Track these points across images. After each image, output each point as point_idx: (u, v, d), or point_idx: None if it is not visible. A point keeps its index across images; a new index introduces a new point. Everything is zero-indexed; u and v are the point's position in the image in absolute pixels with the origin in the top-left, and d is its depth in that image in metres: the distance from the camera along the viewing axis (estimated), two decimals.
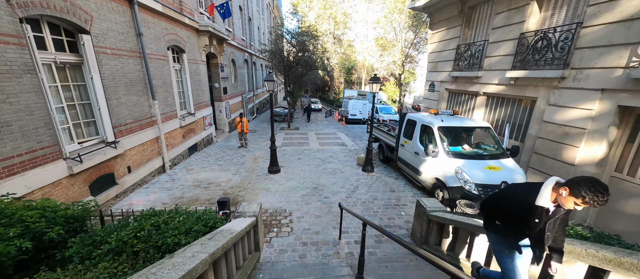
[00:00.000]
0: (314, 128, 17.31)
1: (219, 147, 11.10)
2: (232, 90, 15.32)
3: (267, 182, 7.24)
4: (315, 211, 5.63)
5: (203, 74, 10.79)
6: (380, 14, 33.89)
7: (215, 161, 9.01)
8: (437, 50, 10.43)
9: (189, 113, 9.57)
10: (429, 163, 6.29)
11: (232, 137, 13.12)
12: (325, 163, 9.16)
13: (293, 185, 7.04)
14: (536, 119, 6.15)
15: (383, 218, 5.42)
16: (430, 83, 10.96)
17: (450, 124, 6.40)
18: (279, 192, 6.53)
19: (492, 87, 7.51)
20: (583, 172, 5.12)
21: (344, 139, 13.56)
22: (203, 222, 2.94)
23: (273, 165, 7.94)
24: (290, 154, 10.26)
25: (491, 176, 5.28)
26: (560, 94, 5.54)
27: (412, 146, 7.14)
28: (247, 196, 6.31)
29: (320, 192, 6.63)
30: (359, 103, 20.09)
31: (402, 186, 7.19)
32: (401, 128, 7.87)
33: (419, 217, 4.40)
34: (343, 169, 8.49)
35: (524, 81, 6.40)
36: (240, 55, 17.43)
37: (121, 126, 5.96)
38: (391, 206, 5.94)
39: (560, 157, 5.52)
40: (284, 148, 11.30)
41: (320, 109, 29.86)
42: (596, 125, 4.89)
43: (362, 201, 6.15)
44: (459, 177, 5.39)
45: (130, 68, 6.21)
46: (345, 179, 7.56)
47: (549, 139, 5.76)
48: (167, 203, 5.76)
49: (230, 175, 7.71)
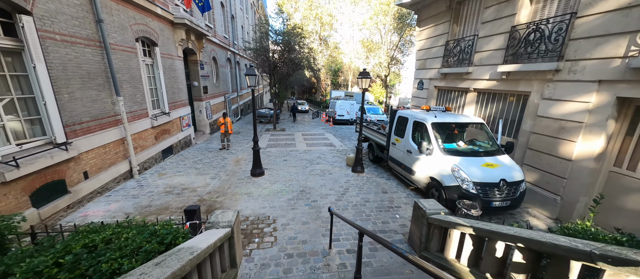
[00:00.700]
0: (301, 129, 16.75)
1: (198, 149, 10.28)
2: (214, 89, 14.48)
3: (250, 186, 6.60)
4: (302, 216, 5.08)
5: (180, 70, 9.98)
6: (365, 16, 34.04)
7: (193, 165, 8.24)
8: (425, 47, 10.24)
9: (163, 112, 8.73)
10: (422, 162, 5.93)
11: (213, 139, 12.30)
12: (312, 164, 8.63)
13: (278, 188, 6.45)
14: (530, 114, 5.96)
15: (377, 222, 4.96)
16: (418, 81, 10.75)
17: (444, 120, 6.08)
18: (262, 197, 5.92)
19: (482, 83, 7.31)
20: (580, 167, 4.93)
21: (331, 140, 13.11)
22: (159, 238, 2.32)
23: (256, 167, 7.31)
24: (276, 156, 9.65)
25: (489, 173, 4.97)
26: (554, 87, 5.35)
27: (404, 144, 6.77)
28: (225, 202, 5.65)
29: (308, 195, 6.09)
30: (347, 103, 19.77)
31: (395, 187, 6.79)
32: (392, 126, 7.51)
33: (417, 220, 3.97)
34: (332, 171, 8.00)
35: (516, 75, 6.21)
36: (223, 53, 16.62)
37: (75, 125, 5.14)
38: (384, 209, 5.50)
39: (556, 152, 5.32)
40: (268, 150, 10.66)
41: (307, 111, 29.37)
42: (594, 118, 4.71)
43: (353, 204, 5.67)
44: (455, 175, 5.04)
45: (87, 58, 5.40)
46: (335, 181, 7.07)
47: (544, 135, 5.56)
48: (130, 213, 5.00)
49: (208, 179, 6.99)
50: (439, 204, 3.92)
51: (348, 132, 16.04)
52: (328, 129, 17.10)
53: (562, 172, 5.21)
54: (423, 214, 3.77)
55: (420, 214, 3.87)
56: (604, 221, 4.79)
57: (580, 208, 5.04)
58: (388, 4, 30.72)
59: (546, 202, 5.48)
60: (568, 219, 5.13)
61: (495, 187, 4.87)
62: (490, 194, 4.87)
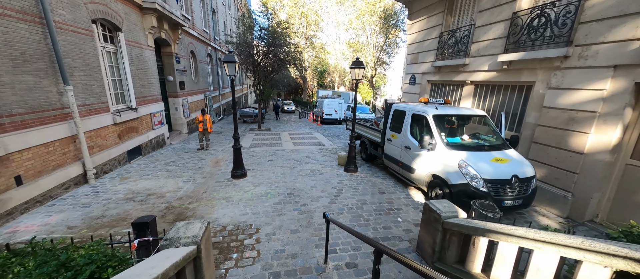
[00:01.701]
0: (287, 128, 15.93)
1: (173, 150, 9.22)
2: (192, 86, 13.36)
3: (229, 189, 5.74)
4: (290, 224, 4.32)
5: (150, 62, 8.90)
6: (352, 16, 33.81)
7: (164, 167, 7.23)
8: (417, 40, 9.83)
9: (129, 108, 7.65)
10: (424, 158, 5.36)
11: (191, 139, 11.22)
12: (301, 164, 7.88)
13: (262, 191, 5.65)
14: (534, 105, 5.58)
15: (377, 227, 4.30)
16: (410, 76, 10.32)
17: (446, 113, 5.57)
18: (244, 202, 5.10)
19: (480, 75, 6.92)
20: (594, 161, 4.55)
21: (320, 139, 12.41)
22: (71, 272, 1.50)
23: (237, 168, 6.45)
24: (260, 156, 8.80)
25: (500, 169, 4.47)
26: (563, 75, 4.97)
27: (401, 140, 6.20)
28: (199, 209, 4.78)
29: (297, 198, 5.34)
30: (335, 102, 19.19)
31: (392, 187, 6.19)
32: (387, 121, 6.93)
33: (429, 226, 3.34)
34: (322, 170, 7.29)
35: (518, 64, 5.83)
36: (203, 48, 15.51)
37: (3, 117, 4.09)
38: (384, 212, 4.86)
39: (566, 145, 4.93)
40: (252, 150, 9.78)
41: (293, 111, 28.56)
42: (609, 107, 4.33)
43: (349, 208, 4.99)
44: (463, 172, 4.50)
45: (21, 36, 4.36)
46: (326, 182, 6.36)
47: (552, 127, 5.18)
48: (76, 227, 4.01)
49: (181, 183, 6.05)
50: (454, 205, 3.32)
51: (337, 131, 15.43)
52: (316, 128, 16.41)
53: (573, 167, 4.82)
54: (437, 218, 3.15)
55: (432, 219, 3.25)
56: (621, 219, 4.42)
57: (593, 205, 4.65)
58: (374, 4, 30.66)
59: (555, 200, 5.08)
60: (580, 218, 4.74)
61: (507, 185, 4.37)
62: (501, 193, 4.36)
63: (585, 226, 4.65)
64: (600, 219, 4.68)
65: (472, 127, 6.44)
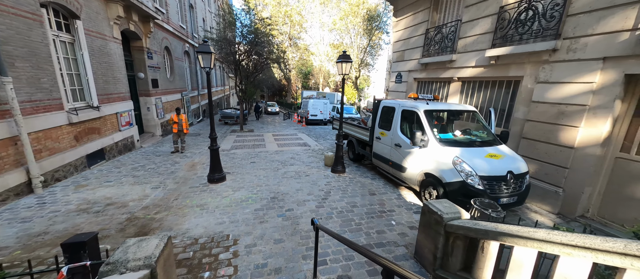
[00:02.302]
0: (271, 130, 15.33)
1: (143, 153, 8.37)
2: (167, 85, 12.44)
3: (205, 195, 5.15)
4: (274, 232, 3.84)
5: (116, 55, 8.04)
6: (336, 17, 33.78)
7: (131, 172, 6.45)
8: (402, 38, 9.70)
9: (89, 106, 6.79)
10: (415, 156, 5.09)
11: (166, 141, 10.34)
12: (285, 166, 7.39)
13: (242, 196, 5.11)
14: (523, 100, 5.51)
15: (370, 232, 3.93)
16: (396, 74, 10.17)
17: (437, 108, 5.35)
18: (221, 209, 4.54)
19: (468, 71, 6.83)
20: (584, 155, 4.48)
21: (306, 140, 11.96)
22: None
23: (214, 171, 5.85)
24: (242, 158, 8.20)
25: (495, 165, 4.27)
26: (551, 69, 4.91)
27: (391, 138, 5.91)
28: (167, 219, 4.16)
29: (281, 203, 4.86)
30: (320, 103, 18.83)
31: (382, 187, 5.88)
32: (375, 118, 6.63)
33: (428, 229, 3.01)
34: (309, 172, 6.85)
35: (506, 59, 5.75)
36: (179, 45, 14.58)
37: None
38: (376, 214, 4.51)
39: (555, 140, 4.86)
40: (233, 151, 9.14)
41: (277, 112, 27.92)
42: (599, 99, 4.28)
43: (338, 211, 4.59)
44: (458, 169, 4.25)
45: None
46: (313, 184, 5.93)
47: (541, 121, 5.10)
48: (7, 248, 3.28)
49: (149, 189, 5.36)
50: (456, 206, 3.01)
51: (323, 131, 15.05)
52: (301, 129, 15.94)
53: (564, 162, 4.74)
54: (438, 220, 2.82)
55: (432, 221, 2.92)
56: (611, 214, 4.37)
57: (584, 201, 4.58)
58: (358, 5, 30.82)
59: (546, 196, 4.99)
60: (572, 214, 4.65)
61: (503, 181, 4.18)
62: (497, 190, 4.16)
63: (577, 222, 4.56)
64: (591, 214, 4.62)
65: (461, 123, 6.31)
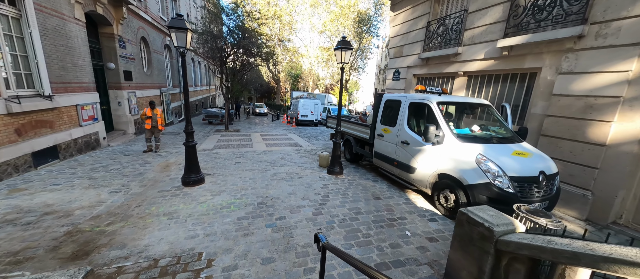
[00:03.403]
0: (259, 130, 14.39)
1: (110, 153, 7.24)
2: (144, 78, 11.28)
3: (176, 201, 4.21)
4: (261, 248, 3.00)
5: (77, 39, 6.93)
6: (326, 18, 33.37)
7: (88, 173, 5.37)
8: (401, 32, 9.16)
9: (38, 95, 5.67)
10: (427, 154, 4.41)
11: (139, 140, 9.20)
12: (275, 166, 6.53)
13: (223, 202, 4.21)
14: (541, 94, 4.99)
15: (382, 246, 3.16)
16: (394, 71, 9.60)
17: (451, 100, 4.72)
18: (195, 218, 3.63)
19: (475, 64, 6.31)
20: (618, 153, 3.96)
21: (297, 140, 11.13)
22: None
23: (191, 172, 4.91)
24: (225, 158, 7.26)
25: (525, 164, 3.65)
26: (576, 58, 4.40)
27: (396, 135, 5.23)
28: (122, 232, 3.21)
29: (271, 210, 4.01)
30: (311, 103, 18.09)
31: (387, 190, 5.15)
32: (377, 114, 5.94)
33: (468, 245, 2.28)
34: (302, 173, 6.03)
35: (521, 49, 5.24)
36: (158, 37, 13.42)
37: None
38: (385, 223, 3.75)
39: (583, 137, 4.33)
40: (216, 151, 8.16)
41: (266, 113, 26.94)
42: (636, 90, 3.77)
43: (340, 219, 3.80)
44: (482, 168, 3.59)
45: None
46: (308, 187, 5.11)
47: (564, 116, 4.57)
48: None
49: (106, 194, 4.35)
50: (504, 214, 2.31)
51: (314, 132, 14.28)
52: (291, 130, 15.08)
53: (593, 162, 4.21)
54: (484, 234, 2.10)
55: (475, 235, 2.19)
56: None
57: (617, 205, 4.05)
58: (348, 7, 30.59)
59: (571, 200, 4.43)
60: (603, 220, 4.11)
61: (534, 183, 3.55)
62: (528, 193, 3.53)
63: (610, 229, 4.02)
64: (624, 221, 4.10)
65: (473, 120, 5.72)
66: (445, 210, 4.13)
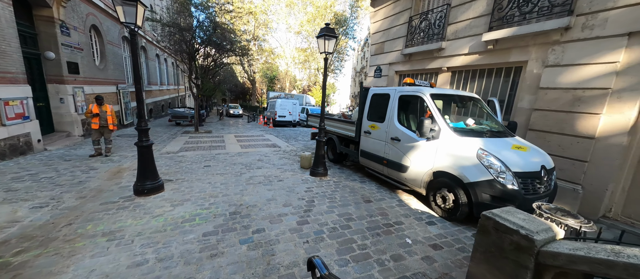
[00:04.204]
0: (233, 131, 13.38)
1: (45, 158, 5.96)
2: (95, 72, 9.81)
3: (124, 214, 3.34)
4: (233, 273, 2.33)
5: (0, 18, 5.61)
6: (303, 18, 32.90)
7: (7, 184, 4.22)
8: (382, 28, 8.93)
9: None
10: (421, 151, 4.04)
11: (87, 143, 7.83)
12: (251, 169, 5.80)
13: (186, 214, 3.44)
14: (527, 88, 4.90)
15: (383, 259, 2.66)
16: (375, 68, 9.34)
17: (445, 93, 4.42)
18: (145, 237, 2.83)
19: (459, 59, 6.17)
20: (607, 146, 3.90)
21: (275, 141, 10.40)
22: None
23: (145, 178, 4.03)
24: (192, 161, 6.34)
25: (527, 159, 3.40)
26: (563, 50, 4.34)
27: (385, 132, 4.82)
28: (36, 263, 2.33)
29: (246, 220, 3.33)
30: (288, 103, 17.39)
31: (376, 192, 4.71)
32: (363, 110, 5.51)
33: (497, 258, 1.84)
34: (282, 176, 5.38)
35: (507, 43, 5.15)
36: (115, 27, 11.87)
37: None
38: (381, 230, 3.27)
39: (571, 130, 4.25)
40: (181, 154, 7.17)
41: (240, 115, 25.66)
42: (624, 81, 3.73)
43: (331, 228, 3.24)
44: (484, 164, 3.27)
45: None
46: (289, 191, 4.49)
47: (552, 110, 4.49)
48: None
49: (25, 210, 3.34)
50: (538, 218, 1.92)
51: (293, 133, 13.61)
52: (268, 131, 14.26)
53: (582, 155, 4.14)
54: (521, 244, 1.67)
55: (508, 245, 1.76)
56: (638, 213, 3.82)
57: (607, 198, 4.00)
58: (325, 8, 30.45)
59: (561, 195, 4.32)
60: (594, 214, 4.03)
61: (537, 179, 3.31)
62: (531, 190, 3.27)
63: (601, 223, 3.94)
64: (614, 214, 4.05)
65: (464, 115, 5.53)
66: (442, 211, 3.77)
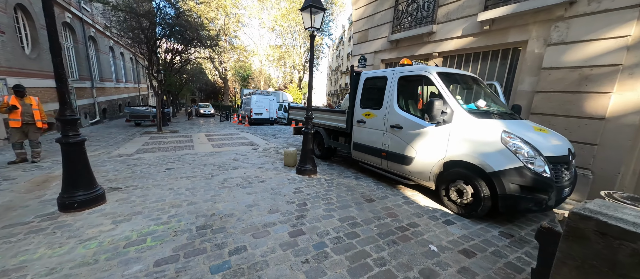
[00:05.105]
0: (204, 130, 12.06)
1: None
2: (23, 62, 8.04)
3: (36, 240, 2.30)
4: None
5: None
6: (277, 13, 31.70)
7: None
8: (365, 15, 8.39)
9: None
10: (430, 138, 3.47)
11: (8, 148, 6.21)
12: (226, 170, 4.85)
13: (134, 233, 2.48)
14: (528, 69, 4.60)
15: (411, 277, 1.99)
16: (359, 57, 8.79)
17: (451, 72, 3.90)
18: (62, 275, 1.86)
19: (452, 43, 5.80)
20: (618, 126, 3.66)
21: (252, 138, 9.40)
22: None
23: (75, 187, 2.94)
24: (151, 164, 5.21)
25: (552, 142, 2.97)
26: (568, 26, 4.06)
27: (383, 119, 4.20)
28: None
29: (221, 237, 2.47)
30: (265, 99, 16.30)
31: (376, 188, 4.07)
32: (355, 97, 4.86)
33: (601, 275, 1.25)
34: (264, 176, 4.53)
35: (504, 22, 4.82)
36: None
37: None
38: (397, 236, 2.62)
39: (578, 112, 3.98)
40: (138, 156, 5.95)
41: (212, 115, 23.87)
42: (637, 56, 3.49)
43: (334, 238, 2.50)
44: (511, 149, 2.77)
45: None
46: (275, 193, 3.67)
47: (557, 91, 4.21)
48: None
49: None
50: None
51: (271, 131, 12.63)
52: (244, 129, 13.12)
53: (591, 138, 3.88)
54: None
55: (625, 257, 1.17)
56: None
57: (617, 182, 3.77)
58: (299, 3, 29.54)
59: None
60: None
61: (565, 164, 2.89)
62: (560, 177, 2.84)
63: None
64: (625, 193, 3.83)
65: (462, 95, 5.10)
66: (458, 207, 3.23)
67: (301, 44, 33.98)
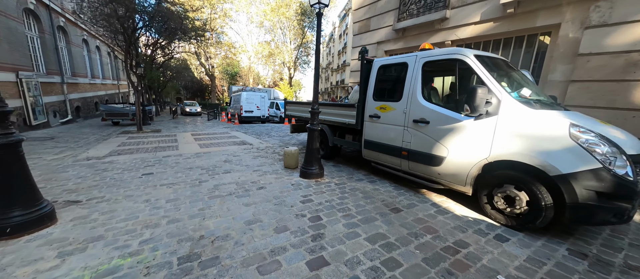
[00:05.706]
0: (190, 129, 11.10)
1: None
2: None
3: None
4: None
5: None
6: (266, 8, 30.60)
7: None
8: (366, 2, 7.77)
9: None
10: (468, 134, 2.87)
11: None
12: (216, 175, 4.09)
13: (87, 272, 1.72)
14: (561, 56, 4.11)
15: None
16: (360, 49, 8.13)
17: (489, 55, 3.32)
18: None
19: (468, 30, 5.27)
20: None
21: (244, 137, 8.60)
22: None
23: (8, 205, 2.14)
24: (124, 168, 4.36)
25: (629, 137, 2.44)
26: (611, 5, 3.57)
27: (403, 112, 3.58)
28: None
29: (212, 275, 1.75)
30: (256, 96, 15.41)
31: (396, 193, 3.45)
32: (366, 88, 4.22)
33: None
34: (262, 181, 3.80)
35: (532, 3, 4.31)
36: None
37: None
38: (449, 262, 2.00)
39: (625, 103, 3.51)
40: (111, 159, 5.06)
41: (199, 113, 22.66)
42: None
43: (369, 271, 1.85)
44: (583, 146, 2.20)
45: None
46: (279, 204, 2.97)
47: (597, 80, 3.73)
48: None
49: None
50: None
51: (264, 129, 11.82)
52: (234, 128, 12.23)
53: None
54: None
55: None
56: None
57: None
58: None
59: None
60: None
61: None
62: None
63: None
64: None
65: None
66: (507, 218, 2.65)
67: (291, 40, 33.07)
